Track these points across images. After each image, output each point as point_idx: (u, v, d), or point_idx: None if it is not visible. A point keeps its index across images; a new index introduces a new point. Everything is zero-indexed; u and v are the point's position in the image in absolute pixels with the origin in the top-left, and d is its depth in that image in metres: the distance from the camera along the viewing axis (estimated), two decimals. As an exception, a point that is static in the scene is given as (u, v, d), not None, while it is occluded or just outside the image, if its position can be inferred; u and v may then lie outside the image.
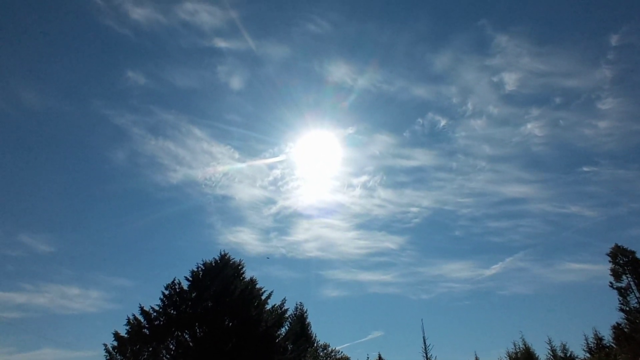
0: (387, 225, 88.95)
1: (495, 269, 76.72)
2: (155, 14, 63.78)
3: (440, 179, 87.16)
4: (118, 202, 79.89)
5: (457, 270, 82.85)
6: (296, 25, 75.17)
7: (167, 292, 21.24)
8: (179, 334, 20.28)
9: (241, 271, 22.81)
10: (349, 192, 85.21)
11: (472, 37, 78.48)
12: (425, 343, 21.30)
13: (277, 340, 21.56)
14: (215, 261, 22.37)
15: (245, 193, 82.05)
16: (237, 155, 79.11)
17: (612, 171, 77.11)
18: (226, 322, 20.62)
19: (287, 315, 24.10)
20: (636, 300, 29.96)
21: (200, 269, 22.01)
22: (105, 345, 19.69)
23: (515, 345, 35.00)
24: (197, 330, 20.30)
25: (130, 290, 67.18)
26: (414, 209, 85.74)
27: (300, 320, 28.56)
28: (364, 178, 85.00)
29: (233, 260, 22.84)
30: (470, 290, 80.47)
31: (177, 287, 21.46)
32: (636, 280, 30.41)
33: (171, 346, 20.02)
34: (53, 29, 63.68)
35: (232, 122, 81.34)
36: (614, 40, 70.77)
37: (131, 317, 20.26)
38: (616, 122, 75.65)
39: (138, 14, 62.27)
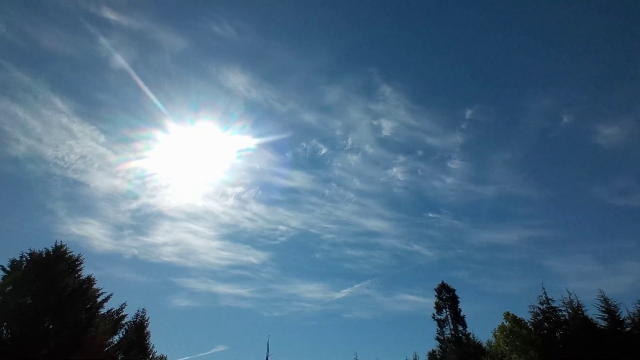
0: (253, 240, 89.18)
1: (344, 293, 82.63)
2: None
3: (312, 202, 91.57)
4: None
5: (311, 291, 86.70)
6: (201, 21, 72.71)
7: (-28, 283, 17.60)
8: (-22, 334, 16.84)
9: (77, 268, 20.30)
10: (221, 200, 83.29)
11: (362, 81, 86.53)
12: (267, 359, 21.55)
13: (106, 349, 19.48)
14: (48, 252, 19.51)
15: (103, 182, 73.27)
16: (102, 139, 70.67)
17: (450, 220, 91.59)
18: (46, 324, 17.87)
19: (124, 322, 22.05)
20: (449, 331, 35.17)
21: (24, 258, 18.90)
22: None
23: (348, 367, 37.67)
24: (5, 331, 17.13)
25: None
26: (282, 227, 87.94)
27: (139, 328, 26.15)
28: (240, 189, 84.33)
29: (70, 255, 20.23)
30: (319, 311, 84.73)
31: (-12, 277, 17.96)
32: (452, 315, 35.84)
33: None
34: None
35: (105, 102, 73.00)
36: (468, 113, 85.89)
37: None
38: (459, 180, 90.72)
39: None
